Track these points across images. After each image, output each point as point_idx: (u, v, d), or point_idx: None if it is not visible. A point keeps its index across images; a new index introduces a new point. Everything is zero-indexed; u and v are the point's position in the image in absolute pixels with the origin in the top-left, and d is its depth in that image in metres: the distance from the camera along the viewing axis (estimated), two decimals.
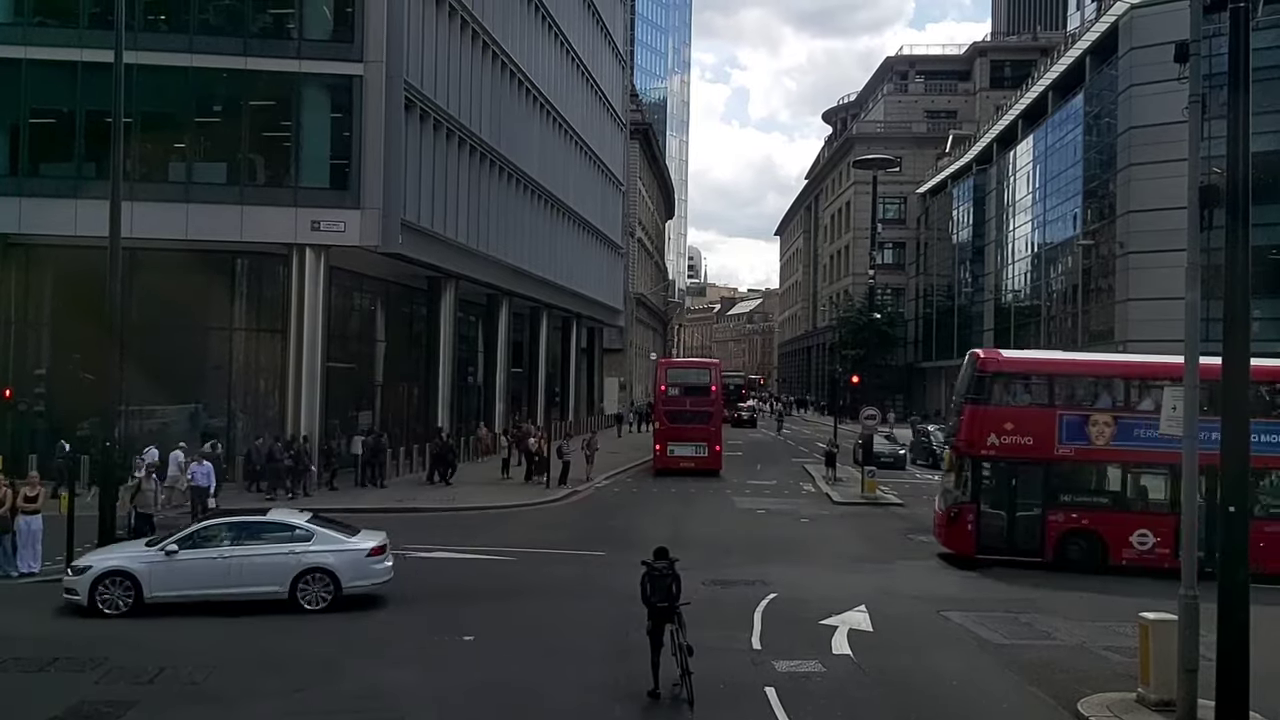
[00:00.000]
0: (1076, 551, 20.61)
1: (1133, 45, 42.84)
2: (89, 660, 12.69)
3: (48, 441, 27.86)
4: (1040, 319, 55.28)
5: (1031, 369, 23.00)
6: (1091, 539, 20.54)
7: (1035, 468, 20.81)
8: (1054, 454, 20.63)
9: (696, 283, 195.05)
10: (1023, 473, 20.92)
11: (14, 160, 29.07)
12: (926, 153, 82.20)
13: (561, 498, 30.33)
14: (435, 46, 32.87)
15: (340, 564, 15.72)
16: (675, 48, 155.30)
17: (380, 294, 36.62)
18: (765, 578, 18.64)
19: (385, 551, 16.34)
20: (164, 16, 29.34)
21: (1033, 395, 21.57)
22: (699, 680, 11.54)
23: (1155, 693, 11.47)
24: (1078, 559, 20.49)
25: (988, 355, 23.41)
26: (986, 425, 21.12)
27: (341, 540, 16.08)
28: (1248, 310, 10.56)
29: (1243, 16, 10.31)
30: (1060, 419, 20.69)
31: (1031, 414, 21.01)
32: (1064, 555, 20.63)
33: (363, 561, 15.91)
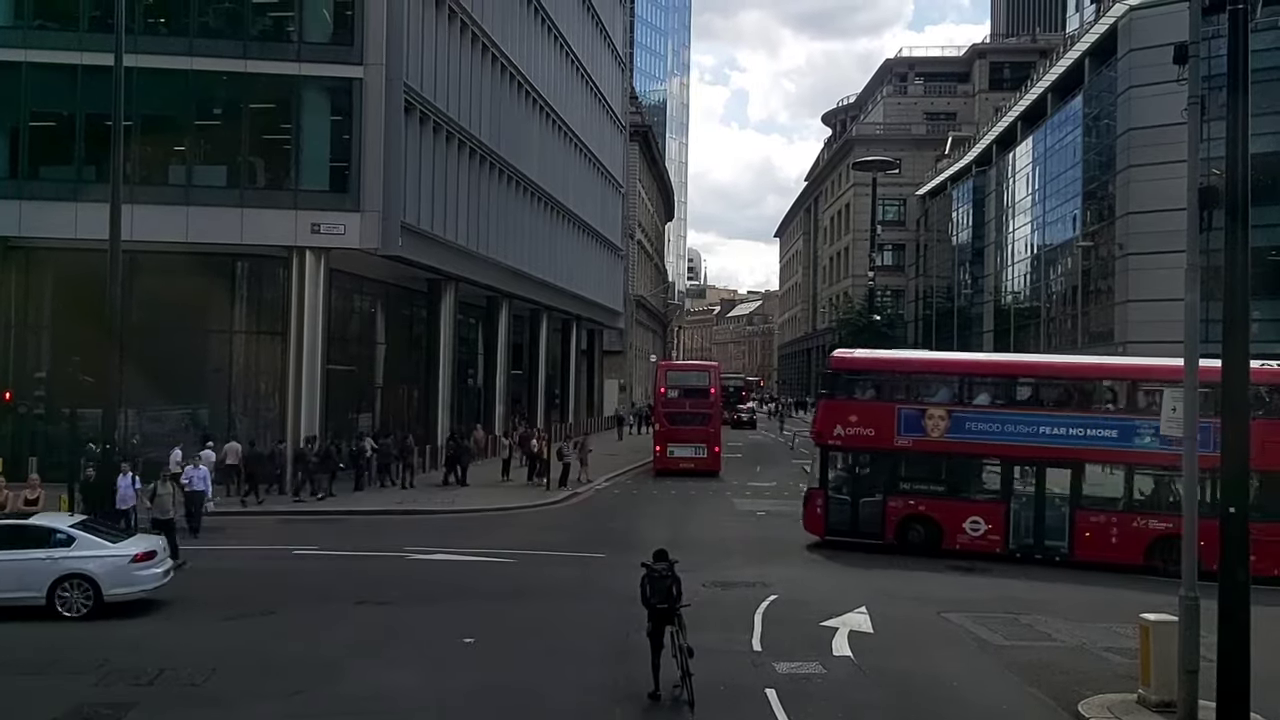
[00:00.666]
0: (915, 535, 21.90)
1: (1132, 47, 42.86)
2: (88, 662, 12.69)
3: (47, 444, 27.90)
4: (1040, 320, 55.28)
5: (874, 367, 24.71)
6: (928, 524, 21.80)
7: (877, 457, 22.37)
8: (893, 444, 22.05)
9: (696, 285, 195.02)
10: (866, 461, 22.54)
11: (14, 163, 29.06)
12: (926, 154, 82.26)
13: (561, 500, 30.32)
14: (435, 49, 32.88)
15: (101, 570, 15.13)
16: (674, 50, 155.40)
17: (380, 296, 36.64)
18: (765, 579, 18.64)
19: (155, 558, 15.80)
20: (164, 20, 29.36)
21: (876, 391, 23.05)
22: (699, 682, 11.53)
23: (1156, 694, 11.46)
24: (916, 542, 21.76)
25: (839, 354, 25.62)
26: (835, 417, 22.79)
27: (104, 546, 15.47)
28: (1247, 312, 10.57)
29: (1241, 18, 10.32)
30: (899, 412, 22.05)
31: (874, 407, 22.48)
32: (904, 538, 21.94)
33: (126, 568, 15.30)
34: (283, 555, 21.01)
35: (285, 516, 26.03)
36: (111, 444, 19.81)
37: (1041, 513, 21.17)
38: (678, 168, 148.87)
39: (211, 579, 18.35)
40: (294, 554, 21.12)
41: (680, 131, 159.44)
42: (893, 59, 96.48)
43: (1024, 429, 21.16)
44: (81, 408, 23.05)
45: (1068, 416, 21.08)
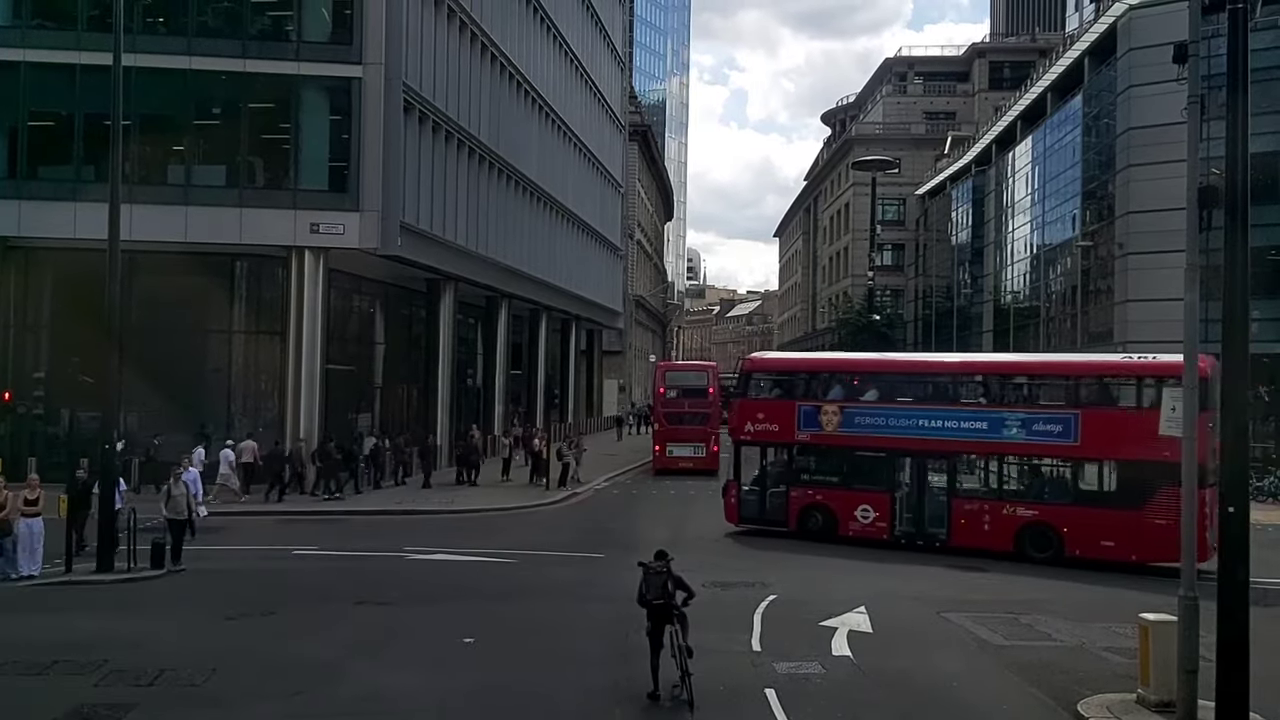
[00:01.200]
0: (813, 523, 23.43)
1: (1131, 46, 42.82)
2: (88, 662, 12.68)
3: (47, 443, 27.94)
4: (1039, 320, 55.24)
5: (779, 368, 27.40)
6: (825, 512, 23.38)
7: (781, 451, 24.31)
8: (794, 439, 23.86)
9: (696, 285, 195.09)
10: (771, 455, 24.41)
11: (13, 163, 29.11)
12: (925, 154, 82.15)
13: (561, 499, 30.33)
14: (434, 49, 32.89)
15: None
16: (674, 49, 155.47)
17: (379, 296, 36.65)
18: (765, 579, 18.64)
19: None
20: (163, 19, 29.39)
21: (780, 390, 24.91)
22: (699, 682, 11.54)
23: (1155, 694, 11.46)
24: (814, 529, 23.30)
25: (751, 357, 27.97)
26: (746, 415, 24.69)
27: None
28: (1246, 311, 10.54)
29: (1241, 17, 10.31)
30: (799, 409, 23.79)
31: (778, 405, 24.29)
32: (804, 526, 23.50)
33: None
34: (282, 555, 21.02)
35: (285, 516, 26.05)
36: (111, 444, 19.73)
37: (922, 501, 22.55)
38: (677, 167, 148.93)
39: (212, 579, 18.37)
40: (294, 554, 21.13)
41: (680, 131, 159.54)
42: (892, 58, 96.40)
43: (905, 423, 22.69)
44: (82, 409, 23.10)
45: (942, 410, 22.44)
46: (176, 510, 19.36)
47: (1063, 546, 20.94)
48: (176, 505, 19.39)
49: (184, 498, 19.52)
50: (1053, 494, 21.53)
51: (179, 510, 19.37)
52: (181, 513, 19.37)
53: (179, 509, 19.38)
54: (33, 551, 18.05)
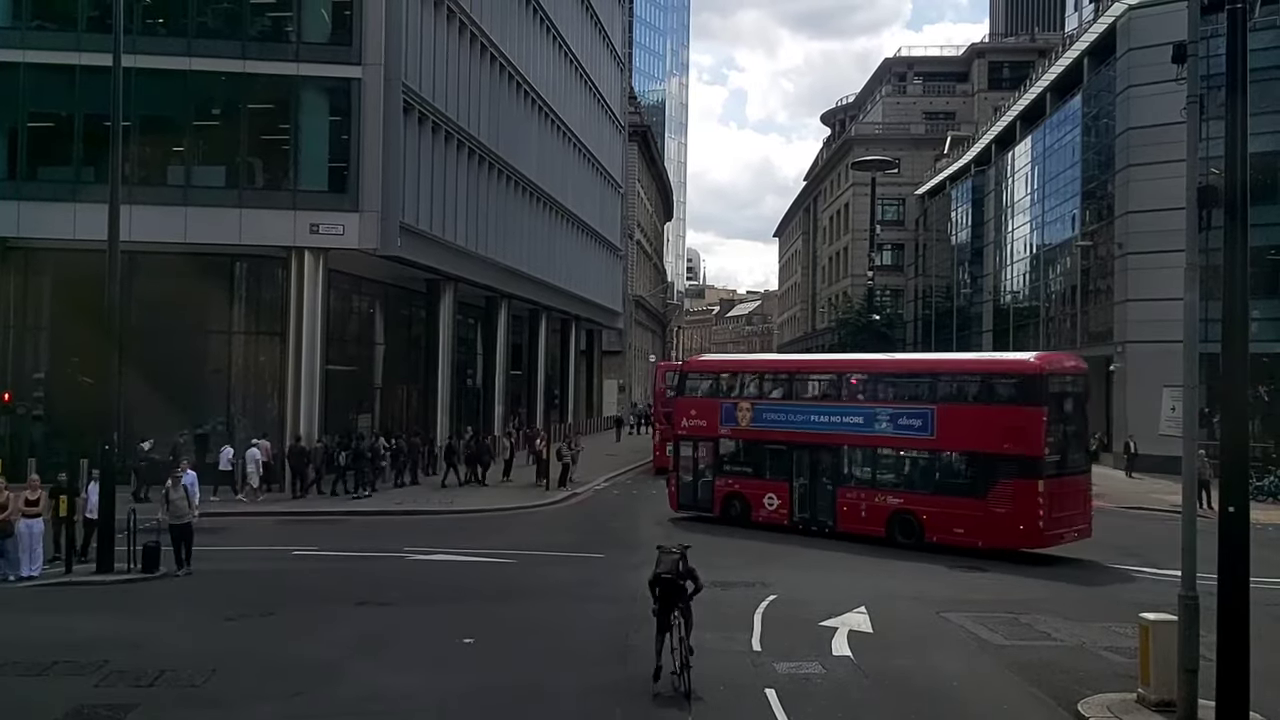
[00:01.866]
0: (733, 510, 25.47)
1: (1131, 46, 42.78)
2: (88, 663, 12.68)
3: (47, 444, 27.92)
4: (1039, 320, 55.21)
5: (707, 369, 29.98)
6: (741, 500, 25.43)
7: (708, 444, 26.24)
8: (718, 433, 25.98)
9: (695, 285, 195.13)
10: (701, 448, 26.33)
11: (12, 164, 29.10)
12: (925, 154, 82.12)
13: (561, 500, 30.33)
14: (434, 49, 32.90)
15: None
16: (673, 50, 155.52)
17: (379, 297, 36.65)
18: (765, 579, 18.64)
19: None
20: (162, 20, 29.40)
21: (708, 388, 27.06)
22: (700, 682, 11.60)
23: (1155, 693, 11.46)
24: (734, 515, 25.30)
25: (689, 360, 31.32)
26: (682, 411, 27.41)
27: None
28: (1246, 311, 10.54)
29: (1240, 17, 10.31)
30: (721, 406, 26.01)
31: (706, 403, 26.58)
32: (726, 512, 25.52)
33: None
34: (282, 556, 21.02)
35: (285, 517, 26.05)
36: (111, 445, 19.68)
37: (814, 491, 24.34)
38: (676, 168, 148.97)
39: (211, 580, 18.36)
40: (294, 554, 21.13)
41: (679, 131, 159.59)
42: (891, 58, 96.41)
43: (799, 418, 24.77)
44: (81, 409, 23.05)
45: (827, 407, 24.56)
46: (178, 515, 18.90)
47: (923, 533, 22.32)
48: (177, 510, 18.92)
49: (183, 501, 19.01)
50: (915, 484, 22.89)
51: (180, 515, 18.91)
52: (183, 516, 18.95)
53: (180, 513, 18.92)
54: (32, 552, 18.06)
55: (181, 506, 18.96)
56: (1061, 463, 21.45)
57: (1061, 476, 21.27)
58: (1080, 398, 22.63)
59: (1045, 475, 20.64)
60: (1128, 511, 31.66)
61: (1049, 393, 21.39)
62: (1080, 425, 22.60)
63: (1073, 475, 21.74)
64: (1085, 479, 22.35)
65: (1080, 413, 22.58)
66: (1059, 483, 21.07)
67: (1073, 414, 22.23)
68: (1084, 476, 22.33)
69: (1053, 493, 20.85)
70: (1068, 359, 25.07)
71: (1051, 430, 21.13)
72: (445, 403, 36.54)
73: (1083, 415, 22.75)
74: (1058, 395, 21.75)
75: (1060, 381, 22.17)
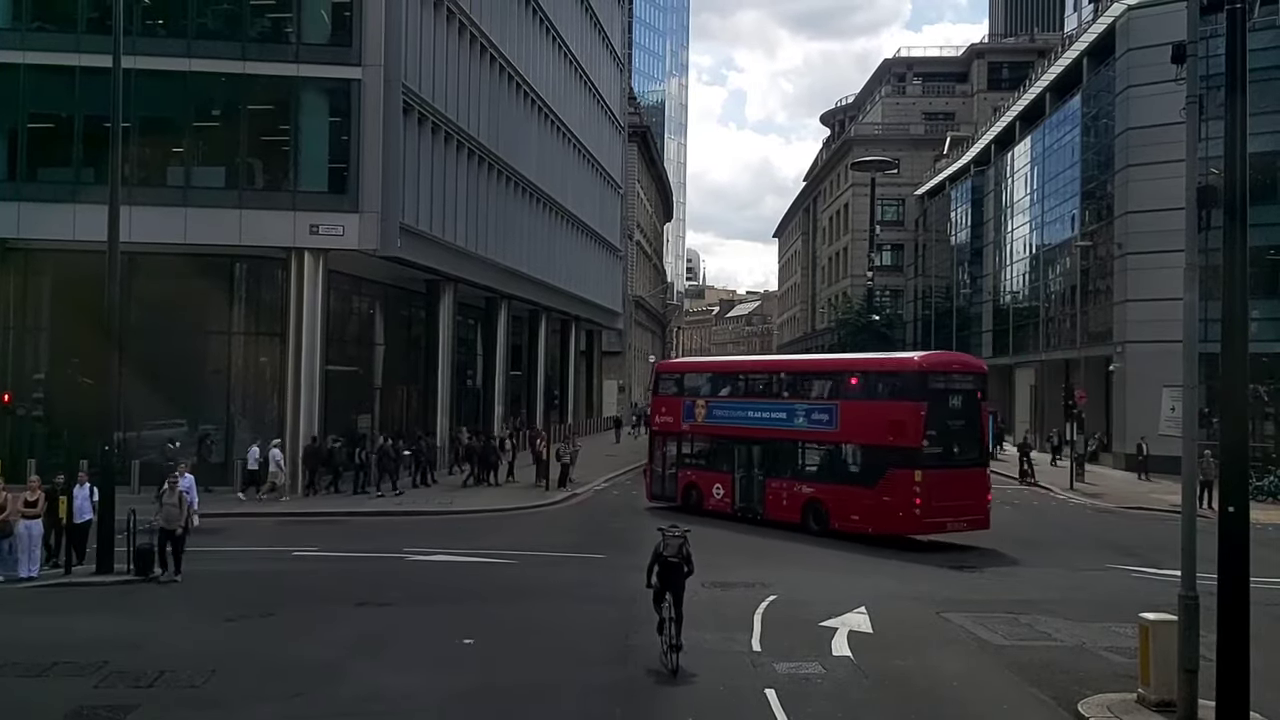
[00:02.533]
0: (691, 499, 27.41)
1: (1130, 46, 42.79)
2: (88, 664, 12.67)
3: (46, 446, 27.92)
4: (1039, 320, 55.23)
5: (674, 370, 33.12)
6: (696, 490, 27.54)
7: (674, 439, 28.56)
8: (681, 429, 28.27)
9: (695, 285, 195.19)
10: (669, 443, 28.67)
11: (12, 165, 29.08)
12: (924, 154, 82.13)
13: (561, 500, 30.34)
14: (433, 50, 32.90)
15: None
16: (673, 50, 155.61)
17: (379, 297, 36.65)
18: (764, 579, 18.63)
19: None
20: (162, 21, 29.37)
21: (675, 388, 29.64)
22: (700, 683, 11.73)
23: (1155, 693, 11.46)
24: (692, 505, 27.21)
25: (660, 362, 34.18)
26: (655, 409, 30.30)
27: None
28: (1246, 311, 10.54)
29: (1240, 17, 10.31)
30: (684, 404, 28.44)
31: (673, 401, 29.12)
32: (686, 501, 27.50)
33: None
34: (282, 556, 21.01)
35: (284, 518, 26.05)
36: (112, 446, 19.67)
37: (749, 481, 26.22)
38: (676, 168, 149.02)
39: (211, 580, 18.34)
40: (293, 555, 21.13)
41: (679, 132, 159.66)
42: (891, 59, 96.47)
43: (739, 414, 26.90)
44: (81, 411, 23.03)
45: (758, 403, 26.64)
46: (169, 520, 18.10)
47: (829, 520, 23.86)
48: (169, 515, 18.12)
49: (175, 507, 18.14)
50: (823, 474, 24.58)
51: (171, 520, 18.08)
52: (174, 522, 18.07)
53: (171, 518, 18.09)
54: (32, 553, 18.04)
55: (173, 512, 18.18)
56: (945, 455, 22.80)
57: (945, 468, 22.54)
58: (970, 395, 23.89)
59: (924, 466, 22.09)
60: (1128, 511, 31.71)
61: (929, 389, 23.02)
62: (971, 421, 23.63)
63: (960, 468, 22.89)
64: (976, 472, 23.34)
65: (971, 409, 23.67)
66: (941, 474, 22.35)
67: (961, 410, 23.48)
68: (975, 470, 23.33)
69: (933, 483, 22.12)
70: (956, 358, 28.60)
71: (932, 424, 22.50)
72: (445, 403, 36.55)
73: (974, 411, 23.71)
74: (939, 392, 23.27)
75: (942, 379, 23.99)
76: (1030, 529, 27.62)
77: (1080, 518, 30.59)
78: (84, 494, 18.98)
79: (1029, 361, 57.14)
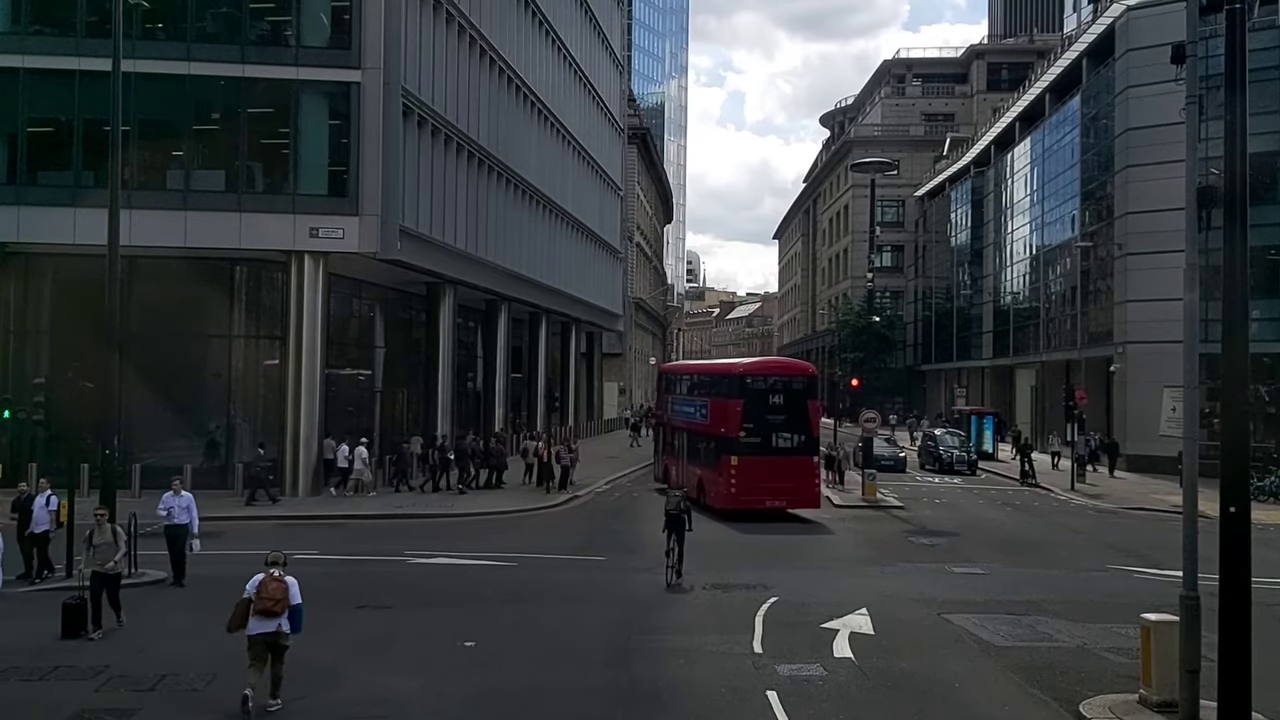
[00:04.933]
0: (670, 479, 29.56)
1: (1129, 47, 42.83)
2: (89, 668, 12.66)
3: (47, 450, 27.89)
4: (1039, 321, 55.24)
5: (665, 371, 41.14)
6: (668, 472, 31.87)
7: (662, 429, 35.07)
8: (664, 421, 34.66)
9: (695, 287, 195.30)
10: (662, 432, 34.73)
11: (12, 168, 29.07)
12: (924, 155, 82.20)
13: (562, 503, 30.33)
14: (433, 53, 32.90)
15: None
16: (672, 52, 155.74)
17: (379, 300, 36.64)
18: (766, 581, 18.64)
19: None
20: (161, 25, 29.34)
21: (663, 386, 36.52)
22: (702, 685, 11.88)
23: (1157, 694, 11.45)
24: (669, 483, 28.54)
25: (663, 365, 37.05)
26: (657, 404, 37.58)
27: None
28: (1246, 311, 10.54)
29: (1239, 18, 10.31)
30: (668, 400, 34.51)
31: (662, 398, 35.99)
32: (667, 481, 29.80)
33: None
34: None
35: (284, 520, 26.02)
36: (112, 450, 19.65)
37: (682, 464, 30.84)
38: (676, 170, 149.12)
39: (212, 584, 18.27)
40: (294, 558, 20.99)
41: (678, 133, 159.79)
42: (890, 60, 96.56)
43: (677, 409, 33.04)
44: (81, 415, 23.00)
45: (684, 399, 32.63)
46: (101, 560, 14.49)
47: (706, 498, 27.88)
48: (102, 555, 14.53)
49: (111, 546, 14.61)
50: (703, 459, 29.18)
51: (103, 559, 14.50)
52: (106, 564, 14.51)
53: (104, 558, 14.52)
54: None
55: (107, 552, 14.61)
56: (764, 445, 26.85)
57: (763, 456, 26.73)
58: (795, 395, 27.81)
59: (741, 453, 26.83)
60: (1128, 512, 31.71)
61: (748, 390, 27.71)
62: (795, 416, 27.40)
63: (780, 456, 26.95)
64: (801, 460, 27.23)
65: (796, 407, 27.50)
66: (758, 460, 26.69)
67: (783, 407, 27.42)
68: (800, 458, 27.21)
69: (748, 466, 26.67)
70: (777, 364, 34.53)
71: (750, 418, 26.96)
72: (446, 406, 36.52)
73: (800, 409, 27.54)
74: (759, 392, 27.55)
75: (761, 381, 28.25)
76: (1031, 530, 27.63)
77: (1081, 518, 30.58)
78: (41, 503, 17.56)
79: (1029, 362, 57.14)
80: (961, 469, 42.92)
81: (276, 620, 11.03)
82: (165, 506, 17.80)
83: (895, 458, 42.65)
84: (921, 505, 32.11)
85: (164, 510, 17.76)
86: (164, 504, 17.87)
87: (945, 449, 44.04)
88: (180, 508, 17.75)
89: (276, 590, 11.05)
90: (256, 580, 11.17)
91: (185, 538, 17.79)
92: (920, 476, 41.81)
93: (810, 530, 26.48)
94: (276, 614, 11.01)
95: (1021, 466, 40.24)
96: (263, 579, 11.15)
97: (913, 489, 36.61)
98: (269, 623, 11.03)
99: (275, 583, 11.12)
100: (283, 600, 11.06)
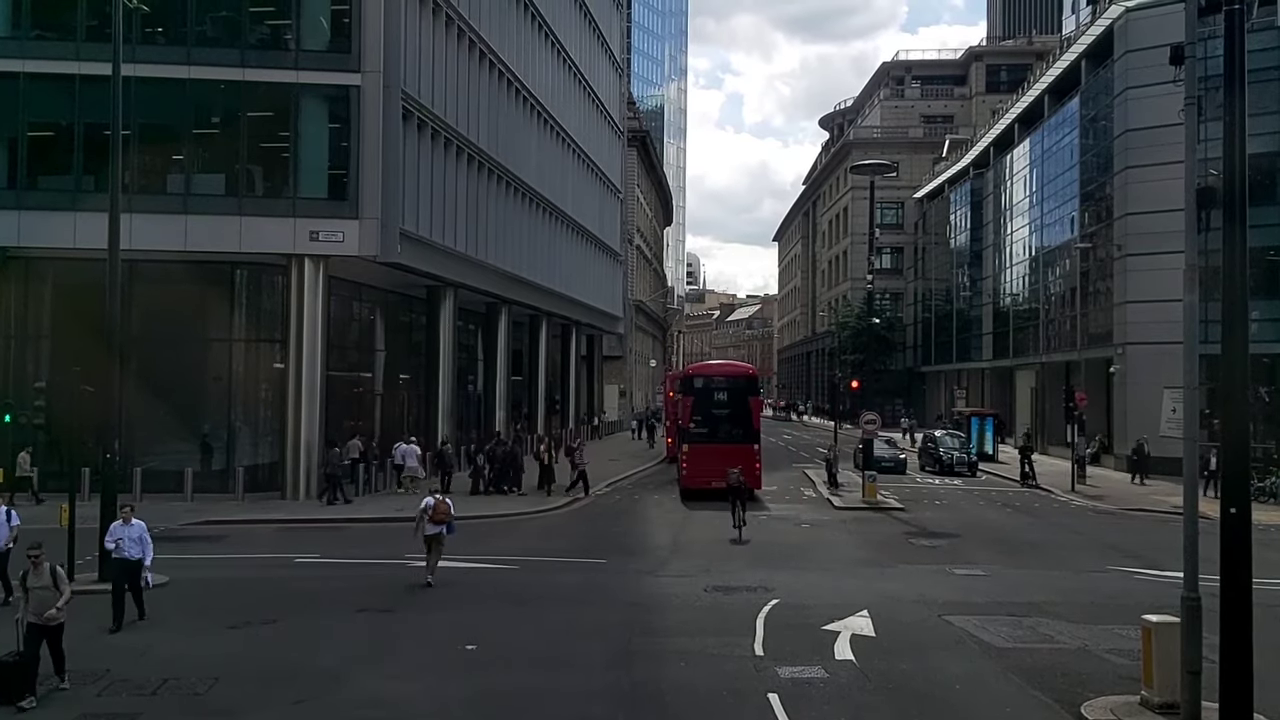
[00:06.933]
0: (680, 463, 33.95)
1: (1128, 48, 42.85)
2: (91, 672, 12.66)
3: (47, 455, 27.88)
4: (1039, 322, 55.22)
5: (677, 376, 44.54)
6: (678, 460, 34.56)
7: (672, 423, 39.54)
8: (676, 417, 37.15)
9: (695, 289, 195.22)
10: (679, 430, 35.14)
11: (12, 173, 29.08)
12: (923, 157, 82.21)
13: (562, 505, 30.31)
14: (432, 56, 32.93)
15: None
16: (672, 55, 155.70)
17: (379, 303, 36.66)
18: (767, 583, 18.64)
19: None
20: (161, 29, 29.36)
21: (673, 388, 40.83)
22: (703, 687, 11.95)
23: (1158, 695, 11.45)
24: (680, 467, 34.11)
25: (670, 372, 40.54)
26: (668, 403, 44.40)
27: None
28: (1245, 311, 10.54)
29: (1238, 18, 10.32)
30: (679, 400, 35.79)
31: (669, 397, 42.22)
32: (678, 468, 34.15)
33: None
34: (283, 564, 20.99)
35: (285, 524, 26.03)
36: (113, 454, 19.64)
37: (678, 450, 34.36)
38: (676, 172, 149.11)
39: (213, 587, 18.36)
40: (295, 562, 21.11)
41: (678, 136, 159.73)
42: (889, 62, 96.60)
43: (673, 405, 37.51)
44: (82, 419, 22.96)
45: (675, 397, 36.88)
46: (38, 609, 11.98)
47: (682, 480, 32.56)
48: (40, 603, 12.00)
49: (49, 590, 12.05)
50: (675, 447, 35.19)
51: (39, 608, 11.97)
52: (43, 613, 11.97)
53: (40, 606, 11.98)
54: None
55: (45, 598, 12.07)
56: (711, 435, 31.64)
57: (709, 444, 30.99)
58: (737, 392, 32.70)
59: (690, 441, 32.11)
60: (1128, 513, 31.69)
61: (694, 388, 33.24)
62: (737, 411, 32.32)
63: (723, 444, 30.63)
64: (743, 447, 30.77)
65: (736, 403, 32.39)
66: (706, 448, 30.88)
67: (727, 402, 32.36)
68: (742, 446, 30.89)
69: (698, 453, 31.27)
70: (720, 366, 38.50)
71: (698, 412, 32.40)
72: (446, 409, 36.54)
73: (741, 404, 32.42)
74: (704, 390, 32.88)
75: (706, 380, 33.56)
76: (1031, 531, 27.63)
77: (1082, 520, 30.58)
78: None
79: (1029, 364, 57.12)
80: (962, 470, 42.91)
81: (440, 527, 18.60)
82: (114, 538, 15.38)
83: (895, 459, 42.67)
84: (922, 507, 32.11)
85: (111, 543, 15.38)
86: (111, 535, 15.51)
87: (945, 450, 44.04)
88: (131, 539, 15.30)
89: (443, 509, 18.70)
90: (429, 502, 18.74)
91: (138, 573, 15.37)
92: (920, 478, 41.80)
93: (811, 532, 26.49)
94: (442, 522, 18.62)
95: (1022, 468, 40.23)
96: (434, 502, 18.74)
97: (913, 491, 36.61)
98: (437, 528, 18.56)
99: (442, 504, 18.76)
100: (447, 514, 18.76)
